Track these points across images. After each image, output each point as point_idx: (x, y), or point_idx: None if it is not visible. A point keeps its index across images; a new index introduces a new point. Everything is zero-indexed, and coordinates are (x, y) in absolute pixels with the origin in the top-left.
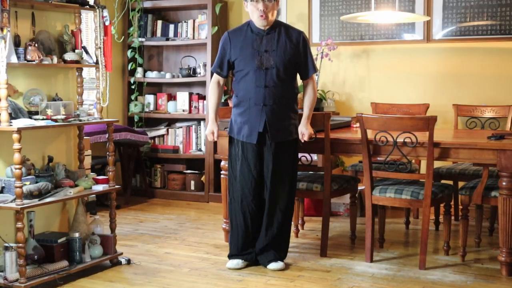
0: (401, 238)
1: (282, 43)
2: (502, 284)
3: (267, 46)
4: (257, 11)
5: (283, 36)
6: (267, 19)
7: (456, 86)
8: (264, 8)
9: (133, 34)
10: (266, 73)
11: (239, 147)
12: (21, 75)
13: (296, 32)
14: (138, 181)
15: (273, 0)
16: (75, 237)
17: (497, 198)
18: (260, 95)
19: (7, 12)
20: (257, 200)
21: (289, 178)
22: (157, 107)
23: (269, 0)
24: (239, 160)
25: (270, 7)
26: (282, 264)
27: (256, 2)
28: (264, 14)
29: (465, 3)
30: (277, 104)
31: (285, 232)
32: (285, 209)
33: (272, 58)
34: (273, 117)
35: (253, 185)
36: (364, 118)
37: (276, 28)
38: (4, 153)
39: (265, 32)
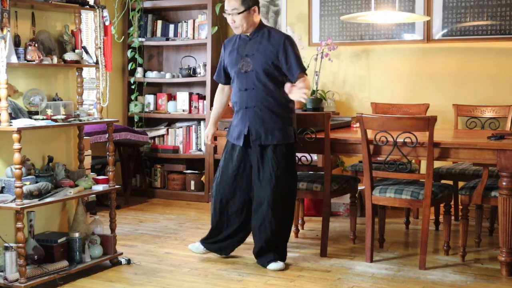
0: (401, 238)
1: (263, 47)
2: (502, 284)
3: (248, 51)
4: (229, 23)
5: (265, 40)
6: (239, 29)
7: (456, 86)
8: (232, 22)
9: (133, 34)
10: (247, 77)
11: (228, 148)
12: (21, 75)
13: (278, 35)
14: (138, 181)
15: (241, 13)
16: (75, 237)
17: (497, 198)
18: (243, 98)
19: (7, 12)
20: (238, 200)
21: (280, 181)
22: (157, 107)
23: (237, 14)
24: (225, 160)
25: (239, 19)
26: (282, 264)
27: (227, 15)
28: (232, 26)
29: (465, 3)
30: (259, 107)
31: (280, 234)
32: (277, 212)
33: (252, 62)
34: (255, 120)
35: (233, 185)
36: (364, 118)
37: (259, 33)
38: (4, 153)
39: (249, 37)
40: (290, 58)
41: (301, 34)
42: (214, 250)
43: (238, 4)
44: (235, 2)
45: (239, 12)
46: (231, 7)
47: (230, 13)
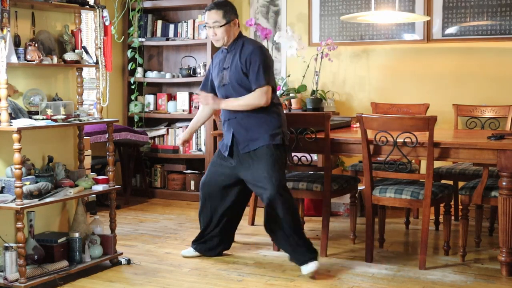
0: (401, 238)
1: (236, 59)
2: (502, 284)
3: (226, 64)
4: (209, 36)
5: (238, 53)
6: (220, 41)
7: (456, 86)
8: (213, 35)
9: (133, 34)
10: (225, 90)
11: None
12: (21, 75)
13: (250, 47)
14: (138, 181)
15: (222, 26)
16: (75, 237)
17: (497, 198)
18: (224, 111)
19: (7, 12)
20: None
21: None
22: (157, 107)
23: (218, 27)
24: (215, 165)
25: (221, 33)
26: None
27: (208, 29)
28: (213, 39)
29: (465, 3)
30: (240, 117)
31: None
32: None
33: (228, 74)
34: (238, 130)
35: (221, 192)
36: (364, 118)
37: (236, 45)
38: (4, 153)
39: (227, 50)
40: (253, 70)
41: (301, 34)
42: (203, 250)
43: (219, 17)
44: (217, 15)
45: (220, 25)
46: (212, 20)
47: (212, 26)
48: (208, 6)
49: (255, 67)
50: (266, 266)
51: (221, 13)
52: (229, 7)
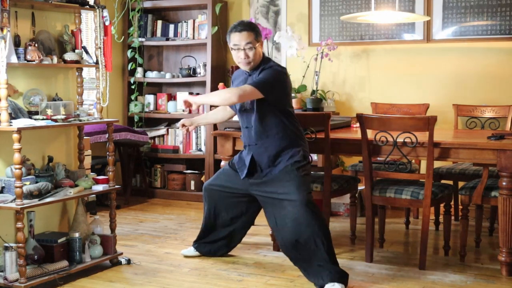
0: (401, 238)
1: None
2: (502, 284)
3: None
4: (238, 58)
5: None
6: (251, 64)
7: (456, 86)
8: (245, 57)
9: (133, 34)
10: (247, 115)
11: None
12: (21, 75)
13: (271, 65)
14: (138, 181)
15: (254, 48)
16: (75, 237)
17: (497, 198)
18: (245, 136)
19: (7, 12)
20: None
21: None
22: (157, 107)
23: (250, 49)
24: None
25: (253, 55)
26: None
27: (237, 51)
28: (244, 61)
29: (465, 3)
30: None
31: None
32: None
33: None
34: (259, 156)
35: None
36: (364, 118)
37: (258, 69)
38: (4, 153)
39: (248, 73)
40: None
41: (301, 34)
42: (204, 252)
43: (252, 38)
44: (250, 37)
45: (254, 46)
46: (245, 41)
47: (244, 47)
48: (236, 27)
49: (262, 74)
50: (266, 266)
51: (254, 34)
52: (258, 28)
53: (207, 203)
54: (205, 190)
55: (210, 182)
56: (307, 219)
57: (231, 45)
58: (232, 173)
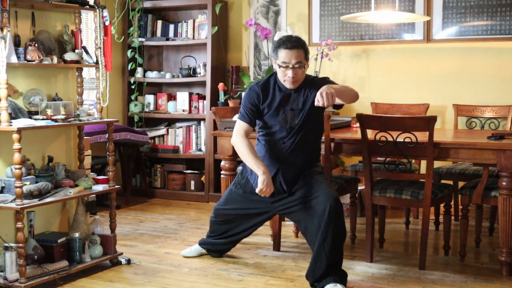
0: (401, 238)
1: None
2: (502, 284)
3: (293, 105)
4: (285, 77)
5: (309, 91)
6: (297, 83)
7: (456, 86)
8: (293, 76)
9: (133, 34)
10: (292, 132)
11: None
12: (21, 75)
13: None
14: (138, 181)
15: (303, 67)
16: (75, 237)
17: (497, 198)
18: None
19: (7, 12)
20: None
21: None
22: (157, 107)
23: (300, 68)
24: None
25: (301, 74)
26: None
27: (286, 69)
28: (291, 80)
29: (465, 3)
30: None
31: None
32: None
33: (299, 116)
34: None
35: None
36: (364, 118)
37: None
38: (4, 153)
39: (292, 90)
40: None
41: (301, 34)
42: (211, 251)
43: (303, 58)
44: (301, 55)
45: (304, 65)
46: (296, 59)
47: (294, 66)
48: (286, 43)
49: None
50: (266, 266)
51: (303, 53)
52: (307, 46)
53: (219, 226)
54: (219, 215)
55: (222, 207)
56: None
57: (279, 62)
58: (242, 193)
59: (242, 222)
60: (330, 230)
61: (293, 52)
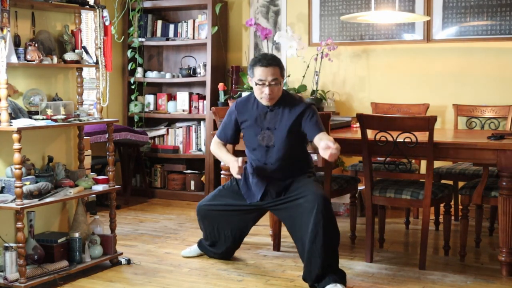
0: (401, 238)
1: (286, 118)
2: (502, 284)
3: (269, 124)
4: (261, 94)
5: (288, 111)
6: (274, 100)
7: (456, 86)
8: (269, 93)
9: (133, 34)
10: (268, 150)
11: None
12: (21, 75)
13: (301, 105)
14: (138, 181)
15: (279, 84)
16: (75, 237)
17: (497, 198)
18: (262, 170)
19: (7, 12)
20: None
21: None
22: (157, 107)
23: (275, 84)
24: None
25: (277, 91)
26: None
27: (262, 86)
28: (267, 97)
29: (465, 3)
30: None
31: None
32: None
33: (275, 135)
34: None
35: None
36: (364, 118)
37: (280, 103)
38: (4, 153)
39: (269, 108)
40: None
41: (301, 34)
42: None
43: (279, 74)
44: (277, 72)
45: (280, 82)
46: (272, 76)
47: (270, 83)
48: (262, 61)
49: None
50: (266, 266)
51: (279, 70)
52: (282, 64)
53: (205, 225)
54: (201, 211)
55: (206, 203)
56: (322, 209)
57: (255, 79)
58: (230, 194)
59: (229, 223)
60: (320, 227)
61: (269, 70)
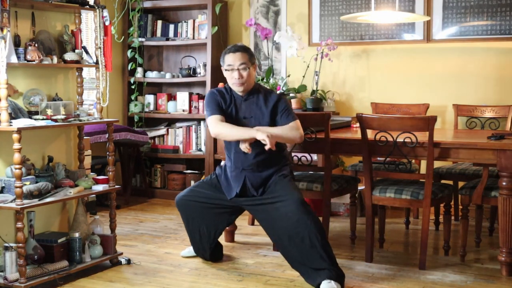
0: (401, 238)
1: (260, 107)
2: (502, 284)
3: (245, 113)
4: (232, 79)
5: (262, 101)
6: (244, 85)
7: (456, 86)
8: (239, 77)
9: (133, 34)
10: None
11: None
12: (21, 75)
13: (274, 95)
14: (138, 181)
15: (248, 69)
16: (75, 237)
17: (497, 198)
18: (239, 160)
19: (7, 12)
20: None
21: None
22: (157, 107)
23: (244, 69)
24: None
25: (247, 75)
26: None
27: (232, 72)
28: (238, 82)
29: (465, 3)
30: (255, 166)
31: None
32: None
33: (250, 124)
34: (252, 177)
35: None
36: (364, 118)
37: (253, 93)
38: (4, 153)
39: (243, 98)
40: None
41: (301, 34)
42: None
43: (246, 59)
44: (244, 57)
45: (248, 67)
46: (239, 61)
47: (238, 68)
48: (230, 49)
49: (283, 109)
50: (266, 266)
51: (247, 55)
52: (252, 51)
53: (183, 216)
54: (180, 202)
55: (185, 194)
56: (300, 216)
57: (225, 66)
58: (211, 188)
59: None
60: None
61: (236, 55)
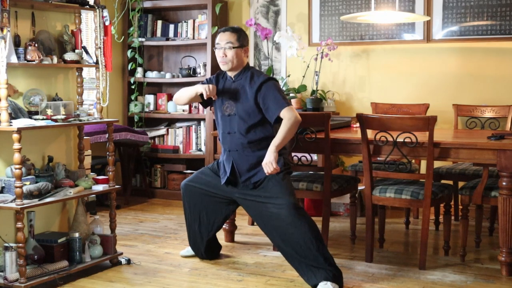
0: (401, 238)
1: (246, 90)
2: (502, 284)
3: (232, 94)
4: (218, 58)
5: (248, 84)
6: (228, 64)
7: (456, 86)
8: (223, 56)
9: (133, 34)
10: (230, 120)
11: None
12: (21, 75)
13: (261, 78)
14: (138, 181)
15: (234, 48)
16: (75, 237)
17: (497, 198)
18: (226, 141)
19: (7, 12)
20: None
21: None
22: (157, 107)
23: (229, 48)
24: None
25: (231, 54)
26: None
27: (218, 50)
28: (222, 60)
29: (465, 3)
30: (242, 149)
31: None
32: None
33: (235, 105)
34: (240, 161)
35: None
36: (364, 118)
37: (243, 75)
38: (4, 153)
39: (233, 79)
40: (270, 98)
41: (301, 34)
42: (200, 256)
43: (234, 39)
44: (231, 37)
45: (233, 46)
46: (225, 40)
47: (223, 46)
48: (222, 28)
49: (271, 95)
50: (266, 266)
51: (235, 35)
52: (244, 34)
53: (186, 202)
54: (185, 187)
55: (190, 180)
56: (293, 220)
57: (215, 45)
58: (213, 175)
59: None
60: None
61: (224, 34)
